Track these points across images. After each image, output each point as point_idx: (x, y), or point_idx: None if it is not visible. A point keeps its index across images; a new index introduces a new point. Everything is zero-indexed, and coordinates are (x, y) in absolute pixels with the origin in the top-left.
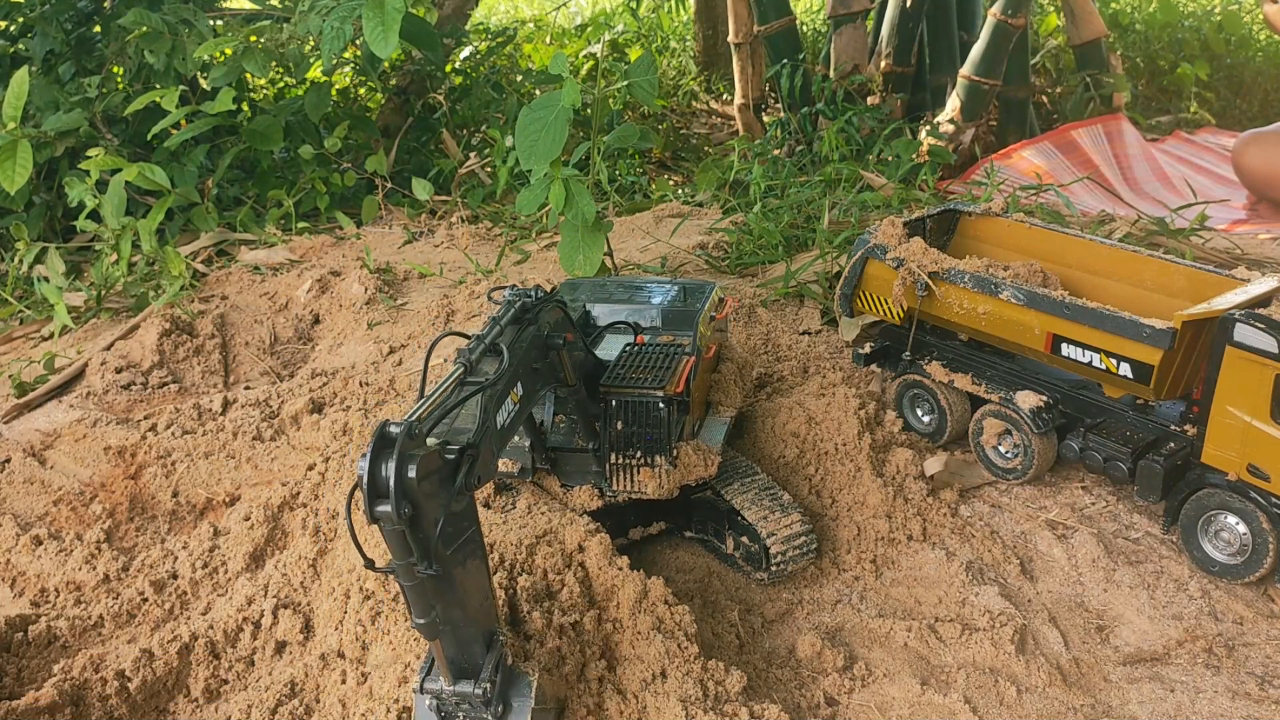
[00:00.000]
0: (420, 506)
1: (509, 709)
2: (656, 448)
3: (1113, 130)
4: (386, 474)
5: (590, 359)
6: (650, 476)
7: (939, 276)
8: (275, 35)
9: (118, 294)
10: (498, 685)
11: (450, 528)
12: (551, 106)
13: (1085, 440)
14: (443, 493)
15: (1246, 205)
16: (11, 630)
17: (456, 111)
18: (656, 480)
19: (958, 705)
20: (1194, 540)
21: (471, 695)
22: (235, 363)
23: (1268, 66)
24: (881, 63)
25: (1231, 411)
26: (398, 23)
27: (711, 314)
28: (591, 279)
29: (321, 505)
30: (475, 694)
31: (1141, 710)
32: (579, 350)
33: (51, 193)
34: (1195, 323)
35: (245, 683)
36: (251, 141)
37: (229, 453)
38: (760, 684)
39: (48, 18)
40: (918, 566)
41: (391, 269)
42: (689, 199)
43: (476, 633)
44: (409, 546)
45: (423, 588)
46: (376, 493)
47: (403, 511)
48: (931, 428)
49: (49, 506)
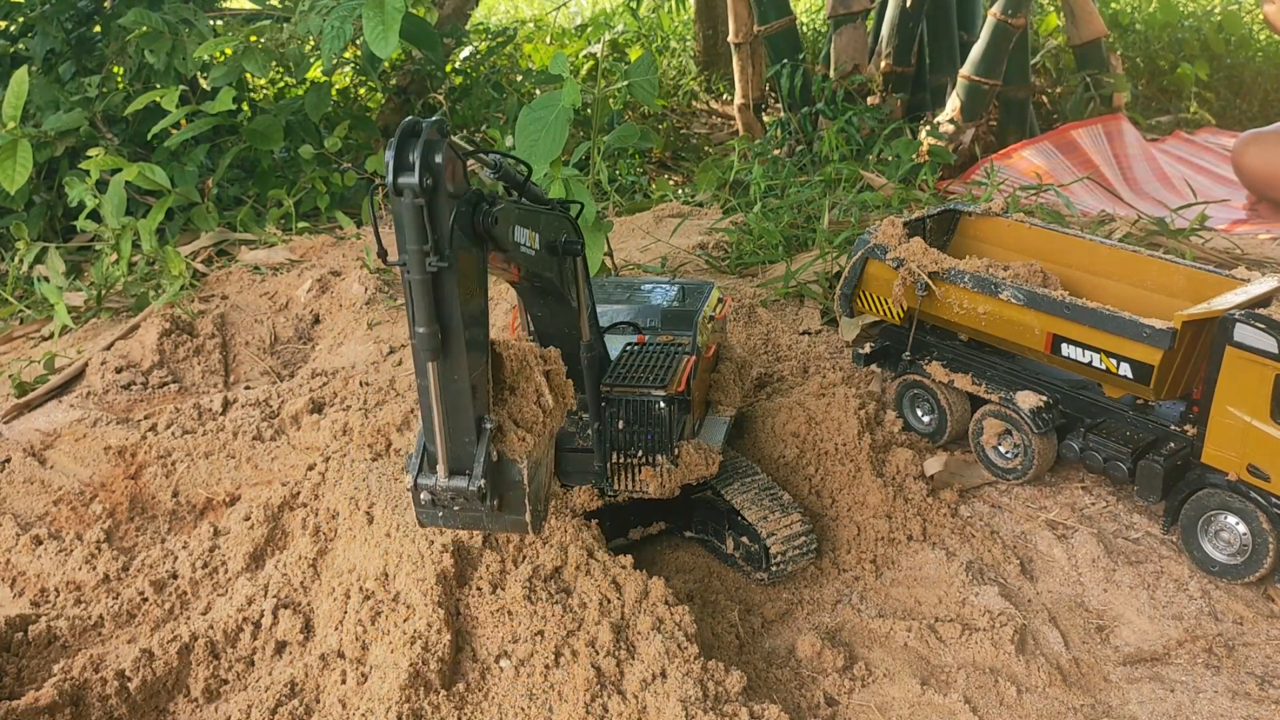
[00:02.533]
0: (439, 185)
1: (504, 502)
2: (658, 447)
3: (1113, 130)
4: (412, 154)
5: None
6: (652, 475)
7: (939, 276)
8: (275, 35)
9: (118, 294)
10: (490, 479)
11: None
12: (551, 106)
13: (1085, 440)
14: (462, 207)
15: (1246, 205)
16: (11, 630)
17: (456, 111)
18: (658, 479)
19: (958, 705)
20: (1194, 540)
21: (466, 490)
22: (235, 363)
23: (1268, 66)
24: (881, 63)
25: (1231, 411)
26: (398, 23)
27: (710, 314)
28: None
29: (321, 505)
30: (470, 490)
31: (1141, 710)
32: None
33: (51, 193)
34: (1195, 323)
35: (245, 683)
36: (251, 141)
37: (229, 453)
38: (760, 684)
39: (48, 18)
40: (918, 566)
41: (391, 269)
42: (689, 199)
43: (469, 422)
44: (424, 230)
45: (430, 287)
46: (402, 167)
47: (424, 183)
48: (931, 428)
49: (49, 506)
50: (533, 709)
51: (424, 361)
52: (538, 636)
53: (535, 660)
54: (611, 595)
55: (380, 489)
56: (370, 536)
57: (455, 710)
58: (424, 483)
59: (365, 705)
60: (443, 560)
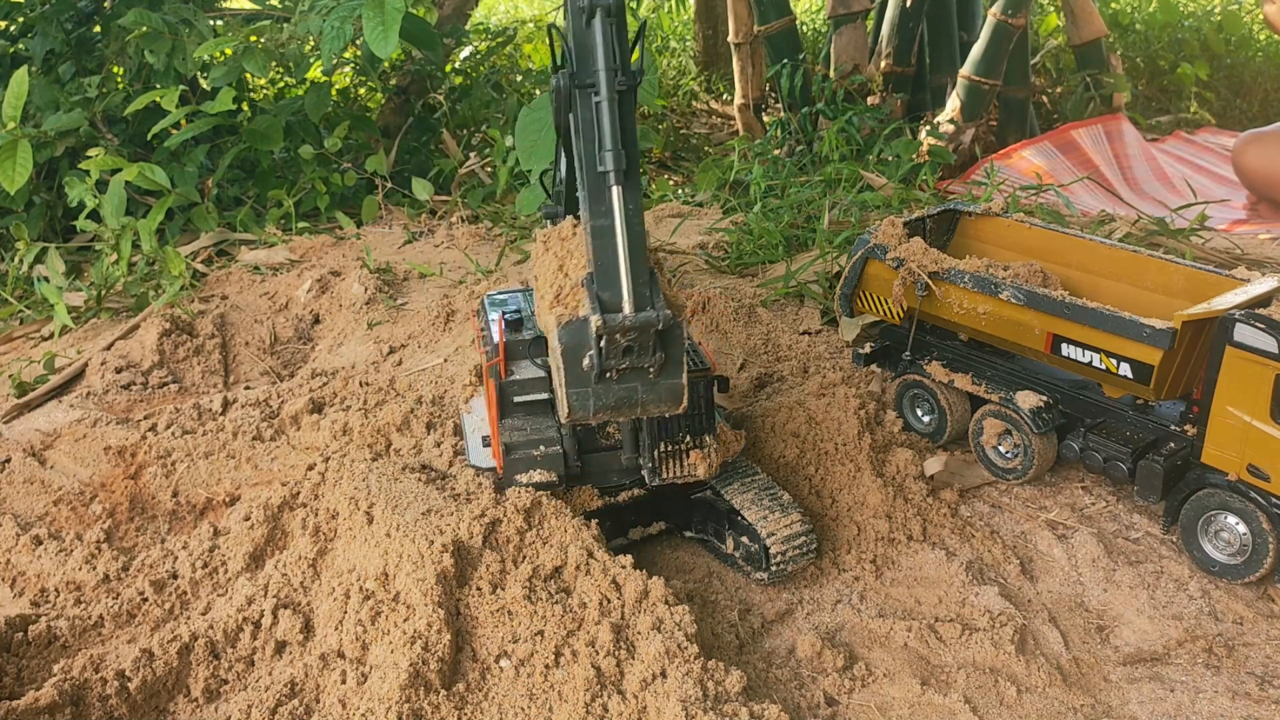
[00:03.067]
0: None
1: (665, 363)
2: (704, 428)
3: (1113, 130)
4: None
5: None
6: (701, 458)
7: (939, 276)
8: (275, 35)
9: (118, 294)
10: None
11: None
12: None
13: (1085, 440)
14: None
15: (1246, 205)
16: (11, 630)
17: (456, 111)
18: (707, 461)
19: (958, 705)
20: (1194, 540)
21: (653, 324)
22: (235, 363)
23: (1268, 66)
24: (881, 63)
25: (1231, 411)
26: (398, 23)
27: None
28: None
29: (321, 505)
30: (658, 324)
31: (1141, 710)
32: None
33: (51, 193)
34: (1195, 323)
35: (245, 683)
36: (251, 141)
37: (229, 453)
38: (760, 684)
39: (48, 18)
40: (918, 566)
41: (391, 269)
42: (689, 199)
43: (645, 259)
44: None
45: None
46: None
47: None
48: (931, 428)
49: (49, 506)
50: (533, 709)
51: (610, 187)
52: (538, 636)
53: (535, 660)
54: (611, 595)
55: (380, 489)
56: (370, 536)
57: (455, 710)
58: (611, 320)
59: (365, 705)
60: (443, 560)
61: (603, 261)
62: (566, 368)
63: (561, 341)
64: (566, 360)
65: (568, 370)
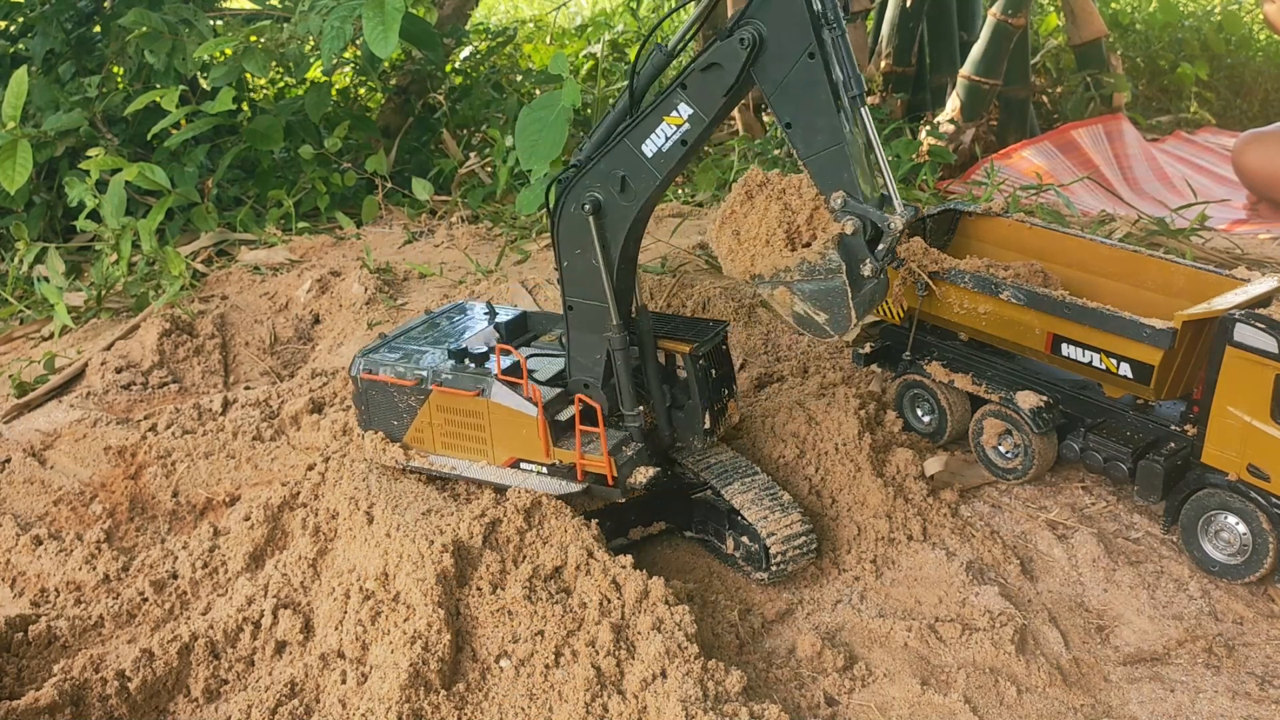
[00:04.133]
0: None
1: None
2: (731, 382)
3: (1113, 130)
4: None
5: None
6: (735, 409)
7: (939, 276)
8: (275, 35)
9: (118, 294)
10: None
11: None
12: (551, 106)
13: (1085, 440)
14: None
15: (1246, 205)
16: (11, 630)
17: (456, 111)
18: (738, 410)
19: (958, 705)
20: (1194, 540)
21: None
22: (235, 363)
23: (1268, 66)
24: (881, 63)
25: (1231, 411)
26: (398, 23)
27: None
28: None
29: (321, 505)
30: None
31: (1141, 710)
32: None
33: (51, 193)
34: (1195, 323)
35: (245, 683)
36: (251, 141)
37: (229, 453)
38: (760, 684)
39: (48, 18)
40: (918, 566)
41: (391, 269)
42: (689, 199)
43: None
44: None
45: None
46: None
47: None
48: (931, 428)
49: (49, 506)
50: (533, 709)
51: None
52: (538, 636)
53: (535, 660)
54: (611, 595)
55: (380, 489)
56: (370, 536)
57: (455, 710)
58: (894, 225)
59: (365, 705)
60: (443, 560)
61: (850, 177)
62: (851, 279)
63: (841, 257)
64: (851, 273)
65: (852, 282)
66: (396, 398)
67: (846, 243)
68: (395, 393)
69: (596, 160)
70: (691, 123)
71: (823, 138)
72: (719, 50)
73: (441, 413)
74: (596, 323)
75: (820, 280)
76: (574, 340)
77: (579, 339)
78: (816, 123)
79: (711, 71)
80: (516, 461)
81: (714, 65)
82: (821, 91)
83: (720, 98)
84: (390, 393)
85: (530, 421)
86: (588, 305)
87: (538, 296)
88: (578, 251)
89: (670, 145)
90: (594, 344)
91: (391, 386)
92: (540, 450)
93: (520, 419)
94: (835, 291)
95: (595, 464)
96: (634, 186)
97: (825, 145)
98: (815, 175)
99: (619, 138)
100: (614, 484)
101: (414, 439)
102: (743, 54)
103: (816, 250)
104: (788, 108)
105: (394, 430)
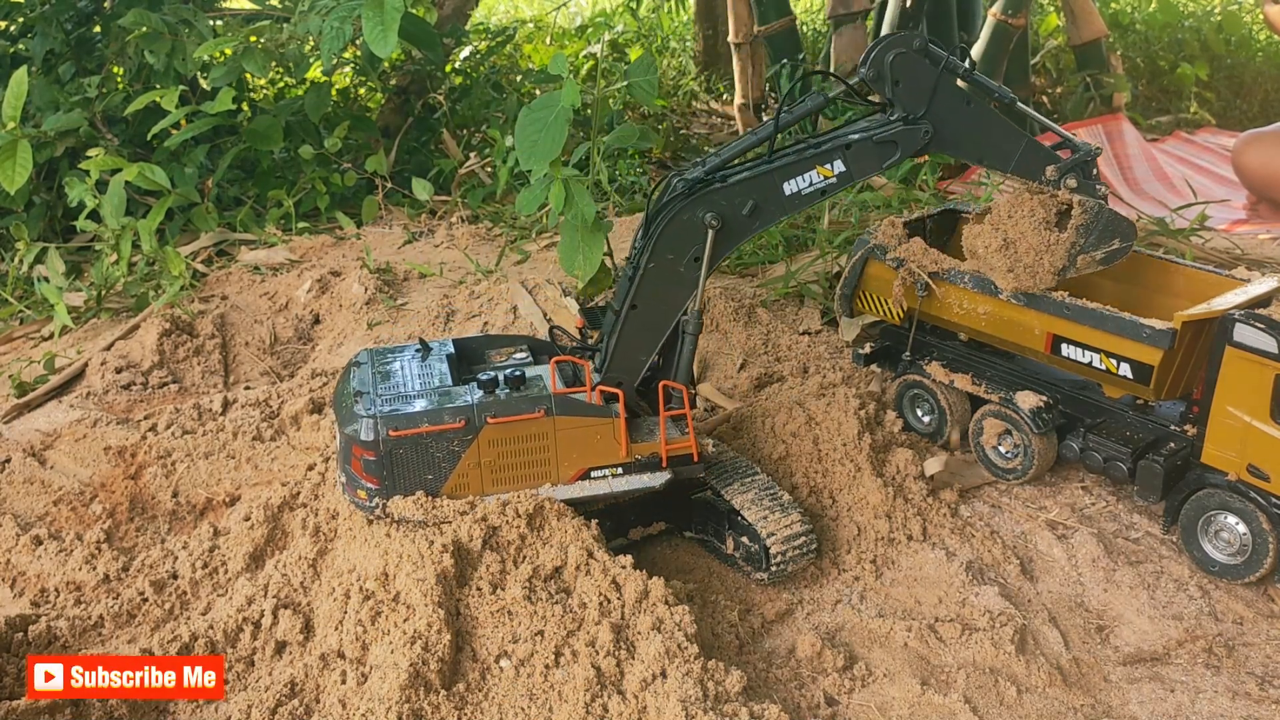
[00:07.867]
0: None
1: None
2: None
3: (1113, 130)
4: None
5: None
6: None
7: (939, 276)
8: (275, 35)
9: (118, 294)
10: None
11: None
12: (551, 106)
13: (1085, 440)
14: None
15: (1246, 205)
16: (11, 630)
17: (456, 111)
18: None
19: (958, 705)
20: (1194, 540)
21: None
22: (235, 363)
23: (1268, 66)
24: None
25: (1231, 411)
26: (397, 23)
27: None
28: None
29: (321, 505)
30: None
31: (1141, 710)
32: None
33: (51, 193)
34: (1195, 323)
35: (245, 683)
36: (251, 141)
37: (229, 453)
38: (760, 684)
39: (48, 18)
40: (918, 566)
41: (391, 269)
42: None
43: None
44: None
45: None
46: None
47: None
48: (931, 428)
49: (49, 506)
50: (533, 709)
51: (1024, 101)
52: (538, 637)
53: (535, 660)
54: (611, 595)
55: None
56: (370, 536)
57: (455, 710)
58: (1092, 149)
59: (365, 705)
60: (443, 560)
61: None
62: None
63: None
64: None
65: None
66: (434, 448)
67: (1080, 189)
68: (434, 442)
69: (735, 183)
70: (839, 179)
71: (1008, 147)
72: (901, 133)
73: (494, 447)
74: (659, 322)
75: (1095, 224)
76: (625, 339)
77: (632, 338)
78: (1001, 147)
79: (884, 146)
80: (586, 472)
81: (889, 143)
82: (988, 121)
83: (877, 169)
84: (427, 444)
85: (605, 426)
86: (656, 306)
87: (537, 297)
88: (670, 256)
89: (810, 191)
90: (644, 343)
91: (429, 437)
92: (616, 451)
93: (593, 426)
94: (1106, 214)
95: (681, 445)
96: (761, 214)
97: (1013, 153)
98: (1022, 175)
99: (767, 171)
100: (699, 459)
101: (456, 486)
102: (918, 145)
103: (1076, 213)
104: (972, 154)
105: (429, 485)
